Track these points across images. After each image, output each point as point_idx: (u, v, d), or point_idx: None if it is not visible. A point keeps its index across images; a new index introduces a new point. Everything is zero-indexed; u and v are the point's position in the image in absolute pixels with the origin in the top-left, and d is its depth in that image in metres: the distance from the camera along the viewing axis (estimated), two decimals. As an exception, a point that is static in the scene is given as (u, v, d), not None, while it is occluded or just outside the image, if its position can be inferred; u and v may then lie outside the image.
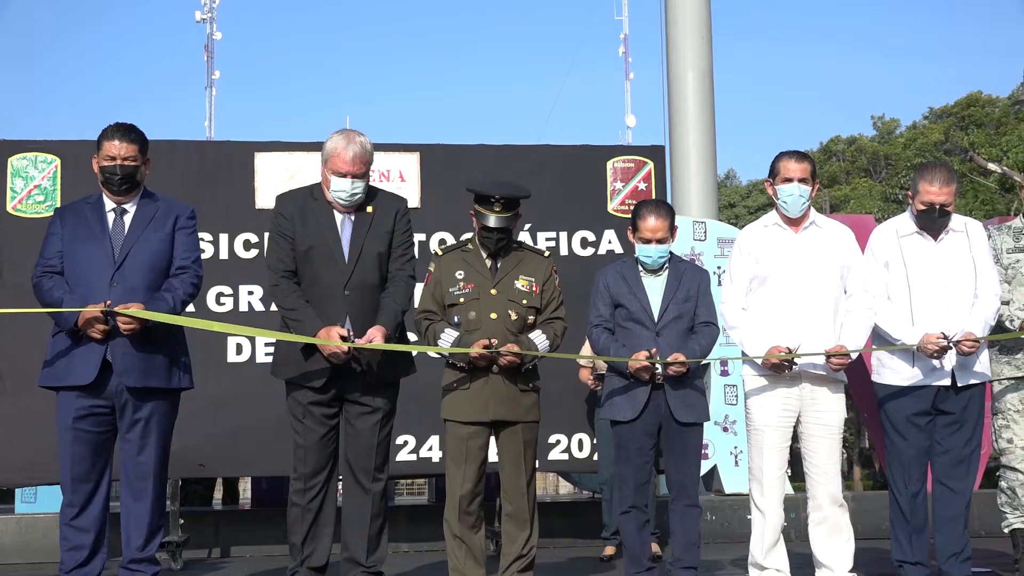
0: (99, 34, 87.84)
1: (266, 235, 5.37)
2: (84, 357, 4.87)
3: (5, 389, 7.25)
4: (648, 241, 5.23)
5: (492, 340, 4.97)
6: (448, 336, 5.10)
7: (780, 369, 5.11)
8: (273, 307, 6.01)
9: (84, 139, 6.58)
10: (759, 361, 5.17)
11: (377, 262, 5.16)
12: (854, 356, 5.19)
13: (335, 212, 5.17)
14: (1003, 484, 5.66)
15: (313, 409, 5.10)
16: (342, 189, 5.10)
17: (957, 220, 5.44)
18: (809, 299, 5.20)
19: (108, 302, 4.76)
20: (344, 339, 4.88)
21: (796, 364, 5.11)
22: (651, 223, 5.23)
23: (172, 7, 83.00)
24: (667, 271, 5.30)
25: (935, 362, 5.20)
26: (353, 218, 5.18)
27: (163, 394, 5.03)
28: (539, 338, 5.18)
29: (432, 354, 5.43)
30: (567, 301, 5.41)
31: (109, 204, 5.08)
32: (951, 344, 5.13)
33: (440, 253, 5.35)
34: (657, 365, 5.10)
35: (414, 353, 5.37)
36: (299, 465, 5.15)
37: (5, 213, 7.44)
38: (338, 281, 5.09)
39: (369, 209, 5.21)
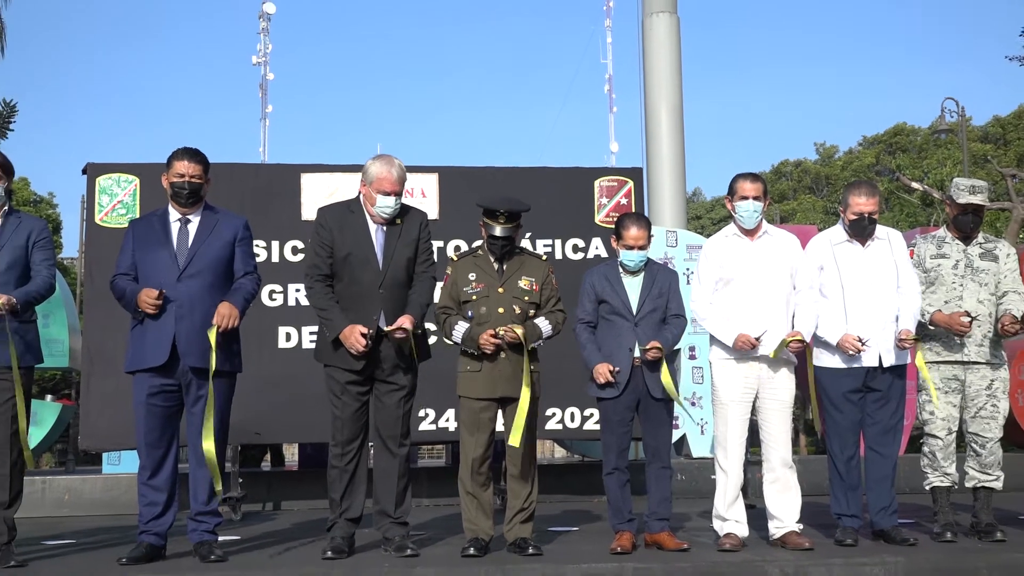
0: (173, 76, 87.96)
1: (311, 241, 5.37)
2: (156, 343, 4.89)
3: (95, 372, 7.26)
4: (631, 247, 5.23)
5: (498, 331, 4.98)
6: (460, 328, 5.11)
7: (746, 349, 5.12)
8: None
9: (159, 162, 6.59)
10: (729, 343, 5.16)
11: (406, 265, 5.15)
12: (803, 327, 5.20)
13: (369, 223, 5.16)
14: (925, 449, 5.64)
15: (349, 387, 5.10)
16: (387, 205, 5.10)
17: (881, 230, 5.48)
18: (765, 296, 5.21)
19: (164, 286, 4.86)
20: (364, 335, 4.91)
21: (759, 347, 5.12)
22: (633, 232, 5.23)
23: (232, 53, 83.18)
24: (643, 272, 5.30)
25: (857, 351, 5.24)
26: (385, 229, 5.17)
27: (221, 374, 5.02)
28: (543, 323, 5.18)
29: (448, 341, 5.42)
30: (563, 300, 5.40)
31: (175, 215, 5.08)
32: (866, 346, 5.19)
33: (456, 259, 5.34)
34: (636, 352, 5.11)
35: (431, 341, 5.38)
36: (337, 434, 5.15)
37: (94, 224, 7.47)
38: (374, 281, 5.08)
39: (398, 221, 5.20)
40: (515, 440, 4.97)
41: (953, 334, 5.46)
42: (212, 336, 4.82)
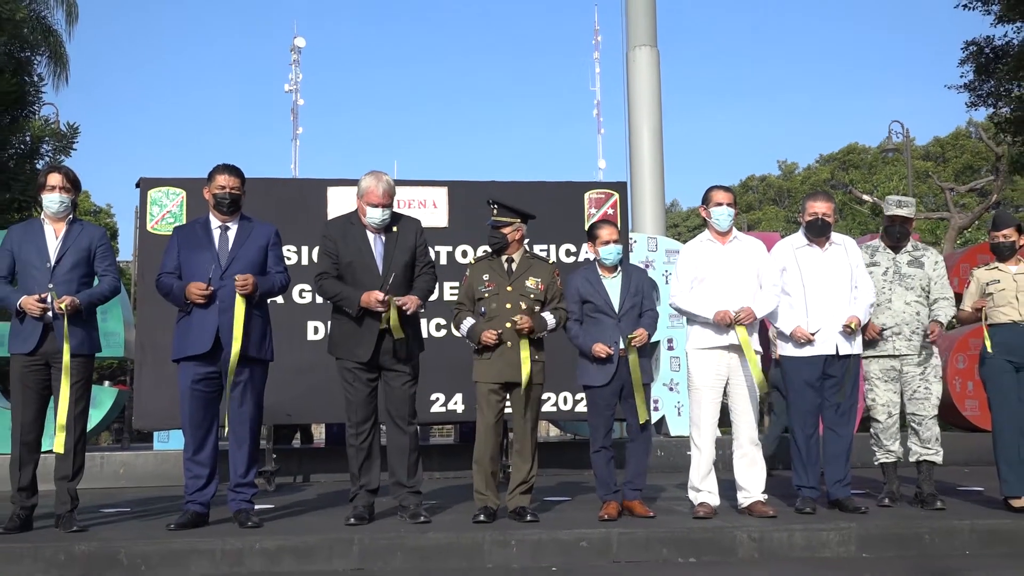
0: (215, 102, 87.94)
1: (319, 249, 5.39)
2: (200, 334, 4.90)
3: (146, 361, 7.25)
4: (607, 242, 5.26)
5: (515, 319, 5.00)
6: (467, 323, 5.13)
7: (725, 322, 5.12)
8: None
9: (203, 177, 6.58)
10: (710, 317, 5.14)
11: (403, 269, 5.13)
12: (759, 316, 5.21)
13: (368, 233, 5.14)
14: (871, 431, 5.70)
15: (359, 374, 5.09)
16: (375, 216, 5.09)
17: (837, 237, 5.51)
18: (734, 293, 5.20)
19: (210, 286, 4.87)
20: (381, 301, 4.92)
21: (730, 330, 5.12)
22: (606, 231, 5.30)
23: (267, 82, 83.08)
24: (620, 273, 5.30)
25: (817, 338, 5.25)
26: (384, 238, 5.15)
27: (256, 363, 5.03)
28: (548, 316, 5.16)
29: (456, 333, 5.41)
30: (556, 298, 5.40)
31: (215, 223, 5.08)
32: (814, 337, 5.23)
33: (473, 262, 5.36)
34: (620, 344, 5.12)
35: (441, 335, 5.36)
36: (351, 415, 5.14)
37: (146, 231, 7.45)
38: (375, 284, 5.05)
39: (395, 229, 5.19)
40: (524, 378, 5.01)
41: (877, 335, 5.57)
42: (238, 292, 4.85)
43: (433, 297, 5.57)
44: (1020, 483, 5.26)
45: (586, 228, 7.78)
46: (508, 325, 5.03)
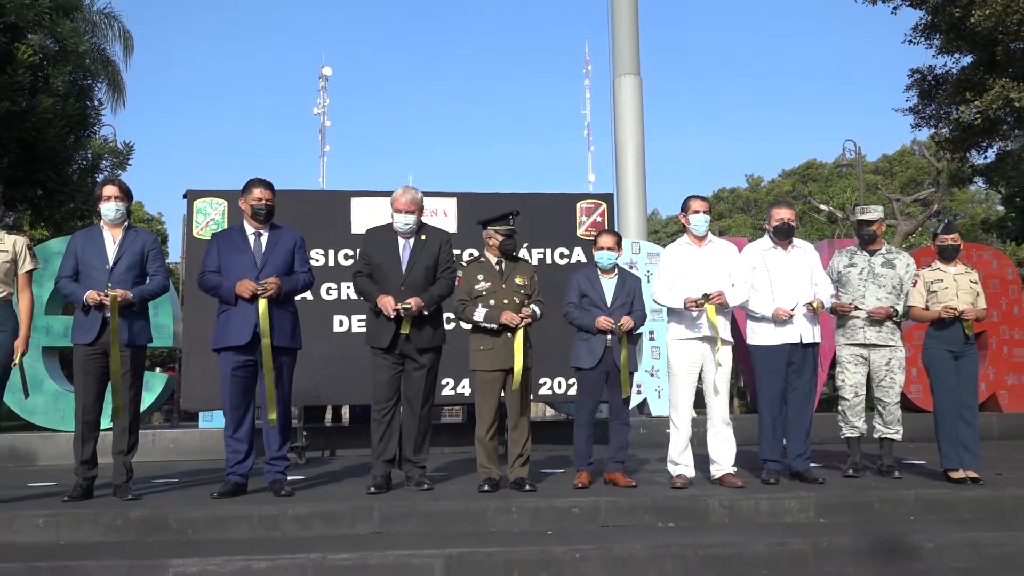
0: (252, 123, 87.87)
1: (358, 251, 5.40)
2: (240, 326, 4.90)
3: (193, 351, 7.24)
4: (602, 248, 5.29)
5: (523, 313, 5.05)
6: (480, 312, 5.13)
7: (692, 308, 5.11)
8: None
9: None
10: (680, 306, 5.15)
11: (424, 272, 5.15)
12: (731, 303, 5.18)
13: (399, 239, 5.17)
14: (839, 408, 5.71)
15: (384, 359, 5.12)
16: (400, 221, 5.15)
17: (798, 242, 5.56)
18: (709, 290, 5.15)
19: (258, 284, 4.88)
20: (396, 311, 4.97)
21: (703, 311, 5.10)
22: (604, 239, 5.34)
23: (297, 105, 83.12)
24: (616, 276, 5.30)
25: (785, 324, 5.26)
26: (411, 243, 5.17)
27: (287, 352, 5.03)
28: (535, 308, 5.20)
29: (465, 326, 5.41)
30: (551, 294, 5.44)
31: (249, 230, 5.08)
32: (793, 311, 5.24)
33: (465, 265, 5.37)
34: (608, 337, 5.13)
35: (450, 327, 5.35)
36: (377, 394, 5.15)
37: (192, 237, 7.44)
38: (397, 282, 5.10)
39: (423, 237, 5.21)
40: (516, 384, 5.00)
41: (850, 319, 5.58)
42: (261, 301, 4.83)
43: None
44: (958, 457, 5.26)
45: (578, 234, 7.91)
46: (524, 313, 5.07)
